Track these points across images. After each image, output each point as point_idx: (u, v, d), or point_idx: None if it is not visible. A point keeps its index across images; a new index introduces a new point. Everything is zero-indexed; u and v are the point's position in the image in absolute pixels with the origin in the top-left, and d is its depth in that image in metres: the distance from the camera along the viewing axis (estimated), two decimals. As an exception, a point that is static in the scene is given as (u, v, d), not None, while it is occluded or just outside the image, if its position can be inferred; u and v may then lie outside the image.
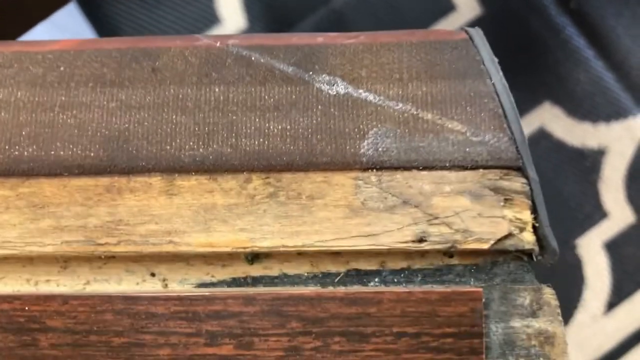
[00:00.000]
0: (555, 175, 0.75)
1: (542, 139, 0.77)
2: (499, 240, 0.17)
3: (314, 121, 0.18)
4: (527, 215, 0.17)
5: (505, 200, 0.17)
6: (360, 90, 0.18)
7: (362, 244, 0.17)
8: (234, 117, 0.18)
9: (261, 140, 0.18)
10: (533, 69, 0.78)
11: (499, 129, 0.18)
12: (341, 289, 0.17)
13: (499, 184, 0.17)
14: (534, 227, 0.17)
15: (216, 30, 0.75)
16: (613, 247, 0.68)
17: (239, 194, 0.17)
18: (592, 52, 0.69)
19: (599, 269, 0.71)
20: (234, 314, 0.17)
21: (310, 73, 0.18)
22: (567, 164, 0.75)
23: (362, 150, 0.18)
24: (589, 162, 0.74)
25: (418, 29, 0.18)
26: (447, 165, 0.17)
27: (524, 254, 0.18)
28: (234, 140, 0.18)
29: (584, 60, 0.73)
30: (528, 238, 0.17)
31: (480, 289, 0.17)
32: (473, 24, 0.76)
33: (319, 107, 0.18)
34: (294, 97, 0.18)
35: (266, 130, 0.18)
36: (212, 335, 0.17)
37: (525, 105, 0.78)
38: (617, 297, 0.55)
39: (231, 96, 0.18)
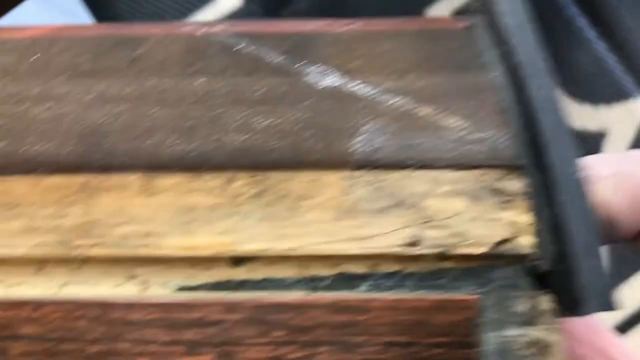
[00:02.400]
0: (554, 158, 0.75)
1: (541, 121, 0.77)
2: (496, 244, 0.16)
3: (304, 116, 0.17)
4: (527, 218, 0.16)
5: (505, 202, 0.16)
6: (354, 83, 0.17)
7: (353, 248, 0.16)
8: (218, 111, 0.16)
9: (247, 136, 0.16)
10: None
11: (500, 125, 0.16)
12: (328, 296, 0.16)
13: (498, 184, 0.16)
14: (534, 230, 0.16)
15: (209, 10, 0.73)
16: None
17: (222, 194, 0.16)
18: (594, 33, 0.68)
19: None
20: (215, 321, 0.16)
21: (301, 63, 0.17)
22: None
23: (353, 148, 0.16)
24: (588, 144, 0.73)
25: (418, 17, 0.17)
26: (444, 164, 0.16)
27: (522, 259, 0.17)
28: (217, 135, 0.16)
29: (585, 41, 0.72)
30: (525, 242, 0.16)
31: (476, 297, 0.16)
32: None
33: (309, 100, 0.17)
34: (282, 89, 0.17)
35: (252, 126, 0.16)
36: (192, 344, 0.16)
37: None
38: (614, 281, 0.54)
39: (215, 88, 0.17)
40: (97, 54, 0.17)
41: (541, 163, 0.16)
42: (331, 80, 0.17)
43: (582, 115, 0.74)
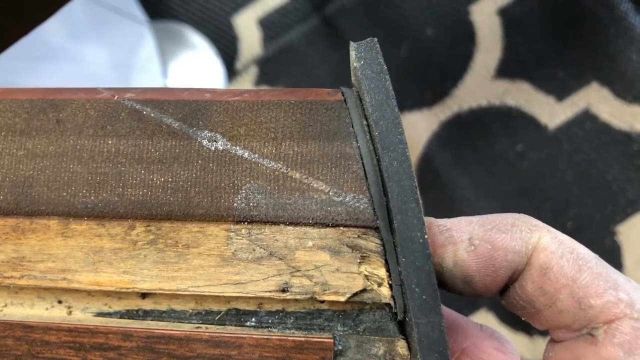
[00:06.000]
0: (598, 158, 0.73)
1: (587, 121, 0.74)
2: (355, 294, 0.18)
3: (194, 175, 0.19)
4: (382, 272, 0.18)
5: (362, 257, 0.18)
6: (238, 147, 0.19)
7: (230, 291, 0.18)
8: (122, 169, 0.19)
9: (145, 190, 0.19)
10: (582, 47, 0.74)
11: (359, 190, 0.18)
12: (207, 331, 0.18)
13: (356, 242, 0.18)
14: (388, 284, 0.18)
15: (258, 5, 0.75)
16: (656, 236, 0.65)
17: (123, 240, 0.19)
18: (647, 31, 0.65)
19: (639, 258, 0.68)
20: (114, 347, 0.18)
21: (194, 129, 0.19)
22: (612, 147, 0.72)
23: (235, 204, 0.18)
24: (636, 145, 0.71)
25: (300, 89, 0.19)
26: (311, 222, 0.18)
27: (385, 306, 0.18)
28: (121, 189, 0.19)
29: (638, 39, 0.69)
30: (384, 293, 0.18)
31: (331, 339, 0.18)
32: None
33: (199, 161, 0.19)
34: (177, 151, 0.19)
35: (150, 182, 0.19)
36: None
37: (571, 84, 0.75)
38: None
39: (122, 148, 0.19)
40: (30, 115, 0.20)
41: (392, 226, 0.18)
42: (219, 144, 0.19)
43: (630, 116, 0.71)
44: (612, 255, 0.67)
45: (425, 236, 0.17)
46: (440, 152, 0.76)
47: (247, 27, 0.79)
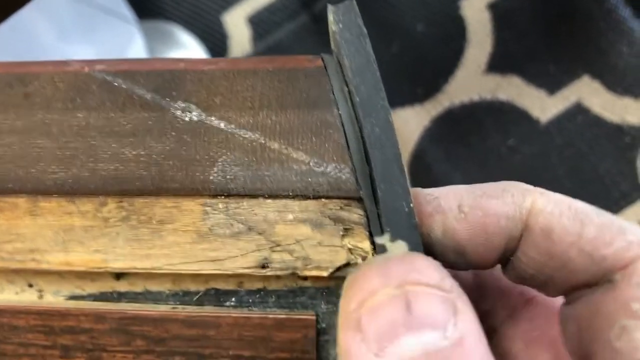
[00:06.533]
0: (591, 152, 0.72)
1: (578, 114, 0.74)
2: (338, 268, 0.17)
3: (167, 147, 0.18)
4: (366, 245, 0.17)
5: (345, 229, 0.17)
6: (213, 118, 0.18)
7: (208, 269, 0.17)
8: (93, 142, 0.18)
9: (117, 165, 0.18)
10: (574, 40, 0.74)
11: (340, 160, 0.17)
12: (183, 311, 0.17)
13: (338, 214, 0.17)
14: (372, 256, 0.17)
15: (248, 3, 0.74)
16: (650, 228, 0.64)
17: (94, 217, 0.18)
18: (638, 23, 0.65)
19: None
20: (85, 330, 0.17)
21: (168, 99, 0.18)
22: (605, 140, 0.71)
23: (211, 177, 0.17)
24: (628, 138, 0.70)
25: (279, 56, 0.18)
26: (291, 194, 0.17)
27: None
28: (91, 164, 0.18)
29: (628, 32, 0.69)
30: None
31: (313, 316, 0.17)
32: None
33: (173, 133, 0.18)
34: (150, 123, 0.18)
35: (122, 156, 0.18)
36: (65, 348, 0.18)
37: (562, 78, 0.74)
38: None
39: (92, 121, 0.18)
40: None
41: (376, 196, 0.17)
42: (193, 115, 0.18)
43: (622, 108, 0.70)
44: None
45: (411, 205, 0.16)
46: (432, 148, 0.75)
47: (236, 25, 0.78)
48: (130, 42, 0.74)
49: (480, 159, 0.71)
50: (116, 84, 0.18)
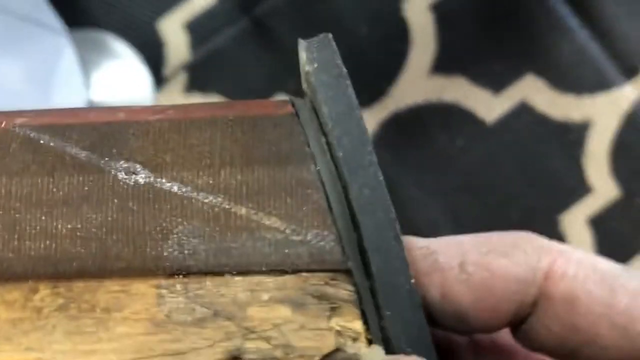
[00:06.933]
0: (537, 150, 0.72)
1: (523, 113, 0.74)
2: (327, 355, 0.15)
3: (109, 218, 0.15)
4: (358, 325, 0.14)
5: (332, 308, 0.14)
6: (164, 179, 0.15)
7: None
8: (16, 215, 0.15)
9: (48, 242, 0.15)
10: (517, 39, 0.74)
11: (322, 225, 0.14)
12: None
13: (323, 290, 0.14)
14: (368, 338, 0.15)
15: (184, 8, 0.71)
16: (597, 223, 0.65)
17: (23, 307, 0.15)
18: (577, 21, 0.65)
19: (583, 245, 0.68)
20: None
21: (107, 159, 0.15)
22: (551, 138, 0.72)
23: (165, 253, 0.14)
24: (573, 135, 0.71)
25: (238, 101, 0.15)
26: (264, 269, 0.14)
27: None
28: (16, 243, 0.15)
29: (568, 30, 0.69)
30: (362, 350, 0.15)
31: None
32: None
33: (115, 200, 0.15)
34: (86, 188, 0.15)
35: (54, 231, 0.15)
36: None
37: (507, 77, 0.74)
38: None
39: (14, 189, 0.15)
40: None
41: (368, 269, 0.14)
42: (139, 177, 0.15)
43: (565, 106, 0.71)
44: (557, 246, 0.67)
45: (412, 280, 0.14)
46: (381, 153, 0.73)
47: (173, 32, 0.75)
48: (60, 55, 0.70)
49: (430, 162, 0.71)
50: (42, 142, 0.15)
